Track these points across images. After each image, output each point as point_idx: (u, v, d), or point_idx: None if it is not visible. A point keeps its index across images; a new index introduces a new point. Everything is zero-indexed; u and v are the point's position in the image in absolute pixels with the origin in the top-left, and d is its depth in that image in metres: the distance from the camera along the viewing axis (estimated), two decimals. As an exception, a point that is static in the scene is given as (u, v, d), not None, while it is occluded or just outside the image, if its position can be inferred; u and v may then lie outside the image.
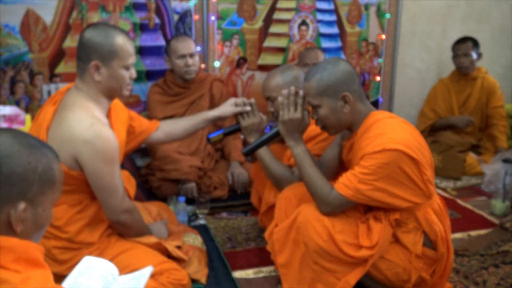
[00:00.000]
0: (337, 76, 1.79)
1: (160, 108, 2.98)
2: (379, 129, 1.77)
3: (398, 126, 1.80)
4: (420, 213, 1.78)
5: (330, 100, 1.80)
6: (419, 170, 1.73)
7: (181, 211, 2.52)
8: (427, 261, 1.82)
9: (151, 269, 1.43)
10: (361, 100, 1.84)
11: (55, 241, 1.78)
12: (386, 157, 1.68)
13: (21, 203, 0.98)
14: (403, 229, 1.80)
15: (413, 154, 1.70)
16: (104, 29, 1.79)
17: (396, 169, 1.69)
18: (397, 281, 1.80)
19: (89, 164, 1.71)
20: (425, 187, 1.76)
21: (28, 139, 1.02)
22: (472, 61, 3.48)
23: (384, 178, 1.69)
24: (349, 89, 1.79)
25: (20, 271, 0.94)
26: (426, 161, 1.77)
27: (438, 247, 1.80)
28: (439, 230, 1.80)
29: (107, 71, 1.78)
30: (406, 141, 1.71)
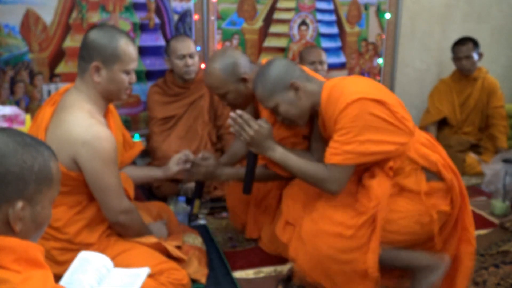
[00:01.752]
0: (276, 72, 1.87)
1: (160, 108, 2.99)
2: (337, 92, 1.81)
3: (352, 81, 1.88)
4: (412, 152, 1.80)
5: (282, 95, 1.87)
6: (389, 110, 1.76)
7: (180, 211, 2.52)
8: (439, 193, 1.82)
9: (148, 270, 1.44)
10: (309, 81, 1.91)
11: (54, 242, 1.78)
12: (352, 110, 1.72)
13: (18, 202, 0.98)
14: (402, 175, 1.81)
15: (376, 96, 1.75)
16: (110, 32, 1.79)
17: (367, 116, 1.72)
18: (421, 229, 1.79)
19: (88, 164, 1.71)
20: (403, 125, 1.79)
21: (23, 138, 1.02)
22: (474, 63, 3.48)
23: (362, 130, 1.72)
24: (293, 77, 1.87)
25: (21, 271, 0.94)
26: (392, 102, 1.80)
27: (444, 175, 1.81)
28: (437, 159, 1.82)
29: (107, 74, 1.78)
30: (364, 89, 1.78)
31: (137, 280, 1.40)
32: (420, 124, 3.68)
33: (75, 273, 1.30)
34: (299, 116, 1.91)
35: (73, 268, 1.31)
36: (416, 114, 3.98)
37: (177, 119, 3.00)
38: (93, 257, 1.35)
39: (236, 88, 2.06)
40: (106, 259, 1.37)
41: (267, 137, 1.88)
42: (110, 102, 1.91)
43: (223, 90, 2.07)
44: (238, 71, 2.04)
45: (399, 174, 1.81)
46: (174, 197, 2.65)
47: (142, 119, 3.24)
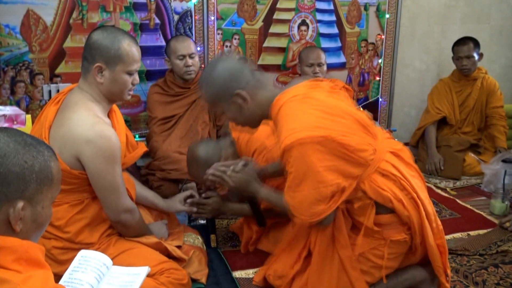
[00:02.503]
0: (221, 78, 1.69)
1: (160, 108, 2.99)
2: (280, 120, 1.62)
3: (296, 108, 1.62)
4: (365, 184, 1.66)
5: (227, 103, 1.72)
6: (336, 144, 1.56)
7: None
8: (392, 225, 1.71)
9: (148, 269, 1.44)
10: (261, 87, 1.72)
11: (55, 241, 1.78)
12: (292, 154, 1.55)
13: (19, 202, 0.98)
14: (352, 210, 1.72)
15: (318, 133, 1.54)
16: (113, 33, 1.80)
17: (309, 159, 1.54)
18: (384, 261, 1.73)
19: (91, 163, 1.72)
20: (356, 156, 1.60)
21: (24, 138, 1.02)
22: (474, 62, 3.49)
23: (307, 174, 1.55)
24: (239, 86, 1.68)
25: (21, 271, 0.94)
26: (345, 130, 1.60)
27: (398, 211, 1.68)
28: (392, 195, 1.66)
29: (110, 75, 1.79)
30: (305, 125, 1.56)
31: (137, 279, 1.41)
32: (420, 124, 3.68)
33: (75, 272, 1.30)
34: (247, 123, 1.79)
35: (72, 267, 1.31)
36: (416, 114, 3.99)
37: (177, 119, 3.00)
38: (92, 256, 1.36)
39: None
40: (106, 258, 1.38)
41: (248, 182, 1.85)
42: (113, 103, 1.91)
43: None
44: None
45: (350, 204, 1.72)
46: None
47: (142, 119, 3.24)
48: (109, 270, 1.38)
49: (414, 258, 1.83)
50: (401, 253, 1.77)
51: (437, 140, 3.59)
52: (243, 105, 1.71)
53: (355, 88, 3.78)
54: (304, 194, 1.59)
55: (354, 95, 3.71)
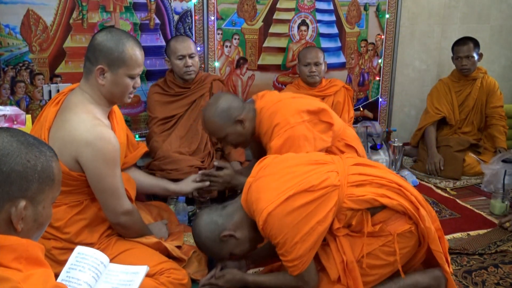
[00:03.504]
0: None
1: (160, 108, 2.99)
2: (251, 211, 1.75)
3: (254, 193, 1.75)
4: (345, 202, 1.72)
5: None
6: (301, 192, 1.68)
7: (181, 211, 2.52)
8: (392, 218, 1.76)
9: (147, 268, 1.44)
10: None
11: (55, 241, 1.78)
12: (270, 227, 1.67)
13: (21, 201, 0.98)
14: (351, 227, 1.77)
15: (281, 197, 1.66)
16: (118, 35, 1.79)
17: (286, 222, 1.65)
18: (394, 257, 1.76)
19: (90, 165, 1.72)
20: (324, 190, 1.70)
21: (26, 138, 1.03)
22: (474, 62, 3.49)
23: (292, 233, 1.65)
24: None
25: (21, 270, 0.95)
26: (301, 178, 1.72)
27: (387, 205, 1.74)
28: (372, 194, 1.74)
29: (112, 77, 1.78)
30: (267, 199, 1.68)
31: (137, 278, 1.41)
32: (420, 125, 3.68)
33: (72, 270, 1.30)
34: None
35: (69, 264, 1.31)
36: (416, 114, 3.99)
37: (178, 119, 3.00)
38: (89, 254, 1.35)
39: (235, 130, 2.21)
40: (103, 256, 1.38)
41: (235, 278, 1.88)
42: (113, 104, 1.91)
43: (223, 134, 2.22)
44: (232, 115, 2.19)
45: (350, 226, 1.77)
46: (174, 197, 2.65)
47: (142, 119, 3.24)
48: (106, 268, 1.38)
49: (419, 254, 1.84)
50: (410, 246, 1.78)
51: (437, 140, 3.59)
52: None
53: (355, 88, 3.78)
54: (295, 252, 1.67)
55: (354, 95, 3.71)
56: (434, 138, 3.57)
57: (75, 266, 1.32)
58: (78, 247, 1.37)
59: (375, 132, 3.67)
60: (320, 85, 3.30)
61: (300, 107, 2.22)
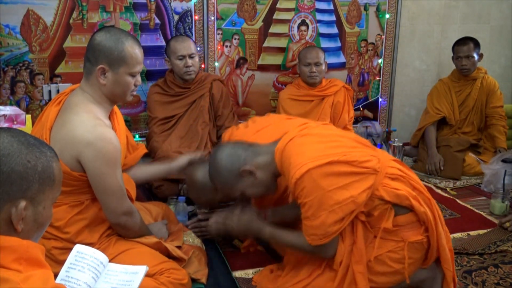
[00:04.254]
0: (224, 167, 1.82)
1: (160, 108, 2.99)
2: (286, 161, 1.72)
3: (296, 146, 1.73)
4: (380, 190, 1.72)
5: (241, 184, 1.83)
6: (342, 164, 1.66)
7: (181, 211, 2.52)
8: (409, 225, 1.76)
9: (146, 268, 1.44)
10: (258, 154, 1.82)
11: (55, 241, 1.78)
12: (304, 185, 1.64)
13: (21, 202, 0.98)
14: (372, 217, 1.75)
15: (322, 160, 1.64)
16: (116, 34, 1.79)
17: (321, 185, 1.63)
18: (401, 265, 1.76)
19: (91, 165, 1.72)
20: (363, 169, 1.70)
21: (27, 138, 1.03)
22: (474, 63, 3.49)
23: (322, 200, 1.63)
24: (241, 164, 1.80)
25: (21, 271, 0.94)
26: (345, 150, 1.71)
27: (416, 208, 1.74)
28: (407, 193, 1.74)
29: (113, 76, 1.79)
30: (309, 156, 1.66)
31: (136, 279, 1.41)
32: (419, 125, 3.68)
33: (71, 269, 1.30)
34: (266, 190, 1.88)
35: (69, 263, 1.31)
36: (416, 114, 3.99)
37: (178, 119, 3.01)
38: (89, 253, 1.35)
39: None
40: (102, 255, 1.38)
41: (251, 223, 1.86)
42: (115, 104, 1.91)
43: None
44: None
45: (370, 215, 1.76)
46: (174, 197, 2.65)
47: (142, 119, 3.24)
48: (105, 268, 1.38)
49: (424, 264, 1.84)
50: (417, 259, 1.78)
51: (437, 140, 3.58)
52: (253, 178, 1.82)
53: (355, 88, 3.78)
54: (321, 219, 1.65)
55: (354, 95, 3.71)
56: (434, 138, 3.57)
57: (74, 265, 1.32)
58: (77, 245, 1.37)
59: (375, 132, 3.67)
60: (320, 85, 3.31)
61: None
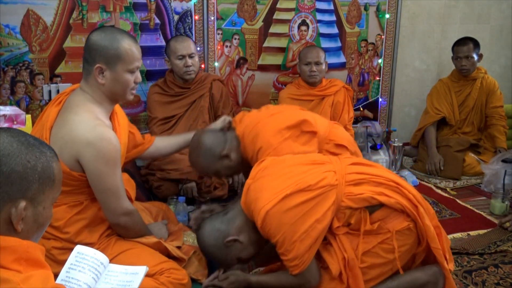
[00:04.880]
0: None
1: (160, 108, 2.99)
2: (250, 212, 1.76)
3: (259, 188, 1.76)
4: (344, 201, 1.74)
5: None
6: (298, 192, 1.69)
7: (181, 211, 2.52)
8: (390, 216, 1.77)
9: (146, 268, 1.44)
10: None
11: (55, 241, 1.78)
12: (269, 227, 1.68)
13: (21, 202, 0.98)
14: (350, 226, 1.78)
15: (279, 196, 1.68)
16: (111, 33, 1.79)
17: (284, 220, 1.66)
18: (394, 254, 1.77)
19: (91, 165, 1.72)
20: (322, 188, 1.72)
21: (26, 138, 1.03)
22: (474, 63, 3.49)
23: (290, 231, 1.66)
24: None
25: (21, 271, 0.94)
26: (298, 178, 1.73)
27: (384, 203, 1.75)
28: (369, 193, 1.75)
29: (111, 75, 1.78)
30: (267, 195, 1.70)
31: (136, 279, 1.40)
32: (419, 125, 3.68)
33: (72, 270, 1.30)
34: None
35: (69, 264, 1.31)
36: (416, 114, 3.99)
37: (177, 119, 3.01)
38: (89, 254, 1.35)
39: (223, 165, 2.18)
40: (102, 256, 1.38)
41: (239, 281, 1.88)
42: (116, 103, 1.91)
43: (213, 171, 2.22)
44: (216, 152, 2.15)
45: (349, 224, 1.78)
46: (174, 197, 2.65)
47: (142, 119, 3.24)
48: (105, 268, 1.38)
49: (419, 253, 1.84)
50: (409, 244, 1.79)
51: (437, 140, 3.58)
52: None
53: (355, 88, 3.78)
54: (294, 252, 1.68)
55: (354, 95, 3.71)
56: (434, 138, 3.57)
57: (74, 266, 1.32)
58: (77, 246, 1.37)
59: (375, 132, 3.67)
60: (320, 85, 3.30)
61: (279, 125, 2.16)
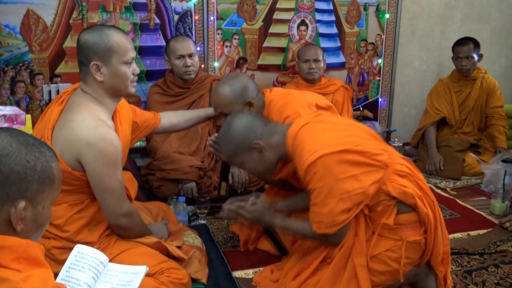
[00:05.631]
0: (238, 133, 1.82)
1: (160, 108, 2.98)
2: (299, 146, 1.73)
3: (311, 132, 1.75)
4: (387, 185, 1.72)
5: (246, 155, 1.83)
6: (355, 154, 1.67)
7: (181, 211, 2.52)
8: (410, 225, 1.75)
9: (146, 268, 1.44)
10: (272, 134, 1.84)
11: (54, 241, 1.78)
12: (316, 170, 1.64)
13: (21, 202, 0.98)
14: (375, 212, 1.75)
15: (336, 148, 1.65)
16: (98, 29, 1.80)
17: (332, 172, 1.63)
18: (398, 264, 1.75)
19: (91, 165, 1.71)
20: (375, 161, 1.70)
21: (26, 138, 1.02)
22: (474, 63, 3.49)
23: (333, 187, 1.64)
24: (256, 137, 1.81)
25: (21, 270, 0.94)
26: (358, 140, 1.72)
27: (420, 208, 1.72)
28: (413, 192, 1.73)
29: (108, 70, 1.78)
30: (323, 142, 1.67)
31: (136, 279, 1.40)
32: (419, 125, 3.68)
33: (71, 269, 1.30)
34: (265, 171, 1.90)
35: (69, 263, 1.31)
36: (416, 114, 3.99)
37: (177, 119, 3.00)
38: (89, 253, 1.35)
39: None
40: (102, 255, 1.38)
41: (262, 215, 1.87)
42: (119, 99, 1.89)
43: (228, 110, 2.10)
44: (246, 95, 2.12)
45: (372, 210, 1.76)
46: (174, 197, 2.65)
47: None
48: (105, 268, 1.38)
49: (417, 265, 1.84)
50: (413, 259, 1.78)
51: (437, 140, 3.59)
52: (260, 155, 1.83)
53: (355, 88, 3.78)
54: (330, 207, 1.66)
55: (354, 95, 3.71)
56: (434, 138, 3.57)
57: (74, 265, 1.32)
58: (77, 245, 1.37)
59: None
60: (319, 83, 3.31)
61: (310, 101, 2.16)
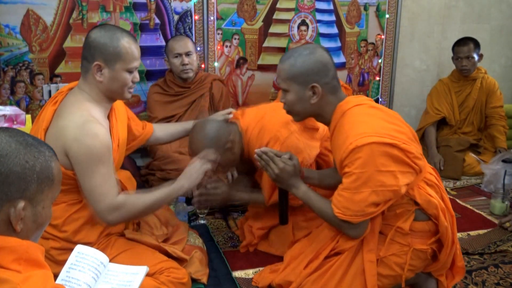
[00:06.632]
0: (309, 65, 1.73)
1: (160, 108, 2.99)
2: (346, 125, 1.69)
3: (364, 114, 1.71)
4: (414, 190, 1.70)
5: (298, 88, 1.75)
6: (401, 152, 1.63)
7: (181, 211, 2.52)
8: (421, 233, 1.74)
9: (146, 268, 1.44)
10: (333, 93, 1.77)
11: (53, 242, 1.78)
12: (362, 156, 1.60)
13: (20, 202, 0.98)
14: (392, 213, 1.73)
15: (387, 140, 1.61)
16: (111, 31, 1.79)
17: (378, 162, 1.59)
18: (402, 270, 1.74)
19: (76, 161, 1.68)
20: (414, 164, 1.67)
21: (25, 138, 1.02)
22: (474, 63, 3.48)
23: (371, 177, 1.60)
24: (320, 81, 1.73)
25: (21, 271, 0.94)
26: (406, 139, 1.68)
27: (441, 221, 1.71)
28: (438, 203, 1.72)
29: (109, 73, 1.77)
30: (375, 130, 1.63)
31: (136, 279, 1.40)
32: (419, 126, 3.68)
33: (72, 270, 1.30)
34: (299, 113, 1.82)
35: (69, 264, 1.31)
36: (416, 114, 3.99)
37: (178, 119, 3.00)
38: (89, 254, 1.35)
39: (225, 157, 2.07)
40: (102, 255, 1.37)
41: (291, 175, 1.84)
42: (113, 101, 1.89)
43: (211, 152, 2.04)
44: (220, 143, 2.04)
45: (391, 211, 1.73)
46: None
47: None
48: (105, 268, 1.38)
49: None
50: (418, 267, 1.77)
51: (437, 141, 3.59)
52: (310, 97, 1.75)
53: (355, 88, 3.78)
54: (363, 196, 1.63)
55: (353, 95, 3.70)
56: (434, 138, 3.57)
57: (75, 266, 1.31)
58: (78, 246, 1.36)
59: (375, 132, 3.67)
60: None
61: (285, 118, 2.06)
